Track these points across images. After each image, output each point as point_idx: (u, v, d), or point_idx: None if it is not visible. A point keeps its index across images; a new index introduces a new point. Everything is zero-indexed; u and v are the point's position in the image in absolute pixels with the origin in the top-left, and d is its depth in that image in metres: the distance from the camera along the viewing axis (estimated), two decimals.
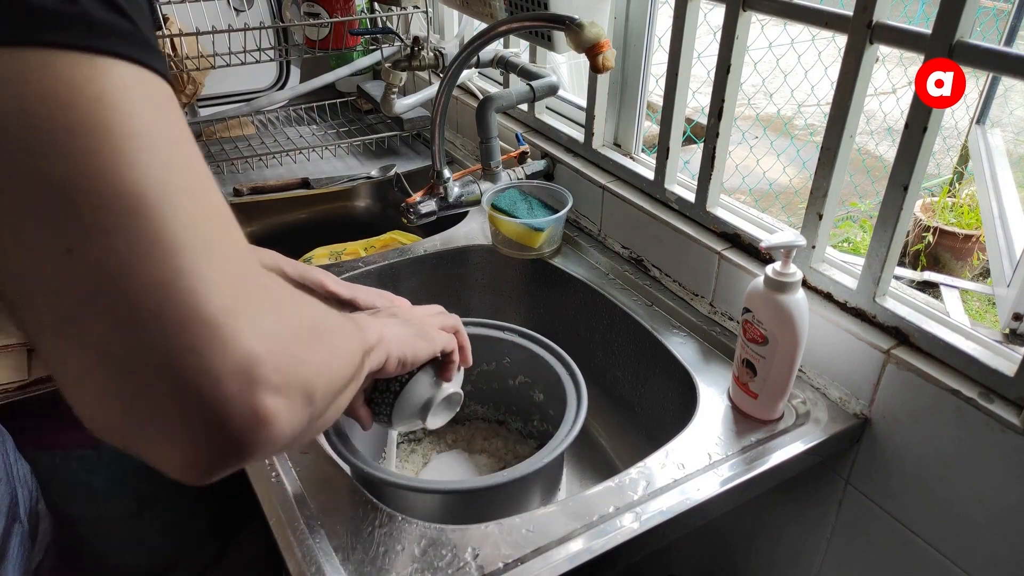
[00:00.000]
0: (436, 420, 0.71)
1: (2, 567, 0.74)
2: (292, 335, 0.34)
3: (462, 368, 0.72)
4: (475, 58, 1.17)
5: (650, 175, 1.06)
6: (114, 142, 0.27)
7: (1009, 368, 0.69)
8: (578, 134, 1.19)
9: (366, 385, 0.66)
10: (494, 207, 1.11)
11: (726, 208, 0.97)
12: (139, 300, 0.28)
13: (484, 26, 1.09)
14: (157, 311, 0.28)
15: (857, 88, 0.76)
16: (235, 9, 1.61)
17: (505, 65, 1.25)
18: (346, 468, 0.74)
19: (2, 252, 0.28)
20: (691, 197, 1.00)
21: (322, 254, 1.27)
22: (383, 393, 0.67)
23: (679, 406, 0.89)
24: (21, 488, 0.78)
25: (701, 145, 0.97)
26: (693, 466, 0.75)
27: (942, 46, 0.67)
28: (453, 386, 0.70)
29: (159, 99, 0.30)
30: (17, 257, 0.27)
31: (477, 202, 1.17)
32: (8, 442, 0.86)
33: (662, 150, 1.02)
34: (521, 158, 1.23)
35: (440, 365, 0.68)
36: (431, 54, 1.34)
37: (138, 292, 0.28)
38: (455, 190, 1.15)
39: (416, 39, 1.31)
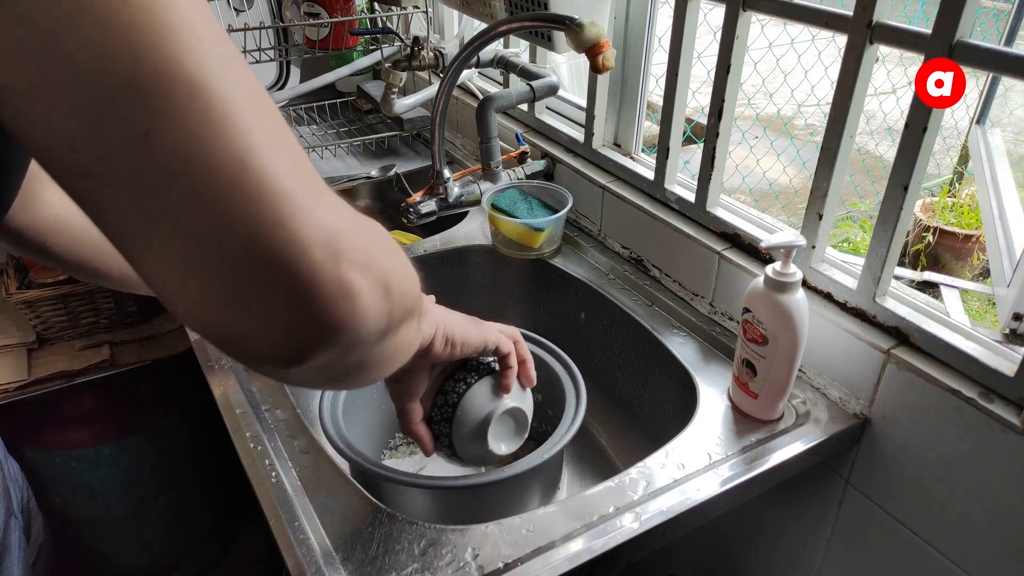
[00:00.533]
0: (501, 444, 0.68)
1: (6, 561, 0.75)
2: (362, 226, 0.35)
3: (528, 388, 0.70)
4: (475, 58, 1.17)
5: (650, 175, 1.06)
6: (172, 35, 0.29)
7: (1009, 368, 0.69)
8: (578, 134, 1.19)
9: (423, 401, 0.65)
10: (494, 207, 1.11)
11: (726, 208, 0.97)
12: (218, 175, 0.29)
13: (484, 26, 1.09)
14: (237, 184, 0.30)
15: (857, 88, 0.76)
16: (235, 9, 1.61)
17: (505, 65, 1.25)
18: (345, 466, 0.74)
19: (81, 150, 0.29)
20: (691, 197, 1.00)
21: None
22: (441, 408, 0.65)
23: (679, 406, 0.89)
24: (12, 485, 0.79)
25: (701, 145, 0.97)
26: (693, 466, 0.75)
27: (942, 46, 0.67)
28: (514, 400, 0.67)
29: (201, 1, 0.32)
30: (96, 151, 0.29)
31: (477, 202, 1.17)
32: None
33: (662, 150, 1.02)
34: (521, 158, 1.23)
35: (498, 376, 0.67)
36: (431, 54, 1.34)
37: (216, 168, 0.29)
38: (455, 190, 1.15)
39: (416, 39, 1.31)
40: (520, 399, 0.68)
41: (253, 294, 0.31)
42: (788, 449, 0.77)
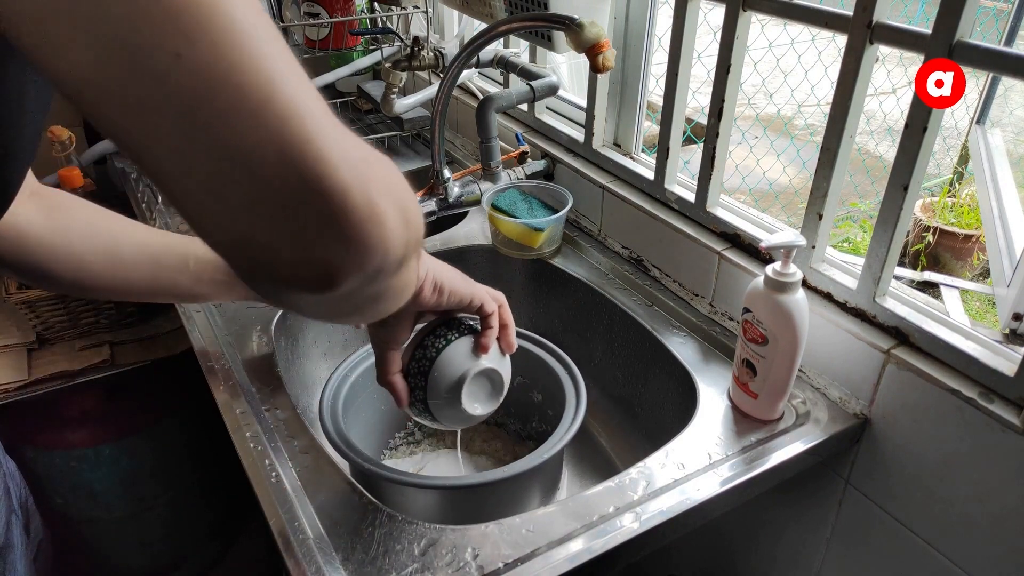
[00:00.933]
0: (476, 404, 0.67)
1: (10, 556, 0.75)
2: (379, 157, 0.36)
3: (507, 355, 0.69)
4: (475, 58, 1.17)
5: (650, 175, 1.06)
6: None
7: (1009, 368, 0.69)
8: (578, 134, 1.19)
9: (403, 354, 0.65)
10: (494, 207, 1.11)
11: (726, 208, 0.97)
12: (249, 95, 0.30)
13: (484, 26, 1.09)
14: (266, 105, 0.30)
15: (857, 88, 0.76)
16: None
17: (505, 65, 1.25)
18: (345, 466, 0.74)
19: (112, 75, 0.29)
20: (691, 197, 1.00)
21: None
22: (419, 361, 0.65)
23: (679, 406, 0.89)
24: (11, 482, 0.79)
25: (701, 145, 0.97)
26: (693, 466, 0.75)
27: (942, 46, 0.67)
28: (491, 361, 0.66)
29: None
30: (128, 74, 0.29)
31: (477, 202, 1.17)
32: None
33: (662, 150, 1.02)
34: (521, 158, 1.23)
35: (479, 336, 0.66)
36: (431, 54, 1.34)
37: (246, 88, 0.30)
38: (455, 190, 1.15)
39: (416, 39, 1.31)
40: (498, 362, 0.68)
41: (286, 212, 0.32)
42: (788, 449, 0.77)
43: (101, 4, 0.28)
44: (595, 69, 0.93)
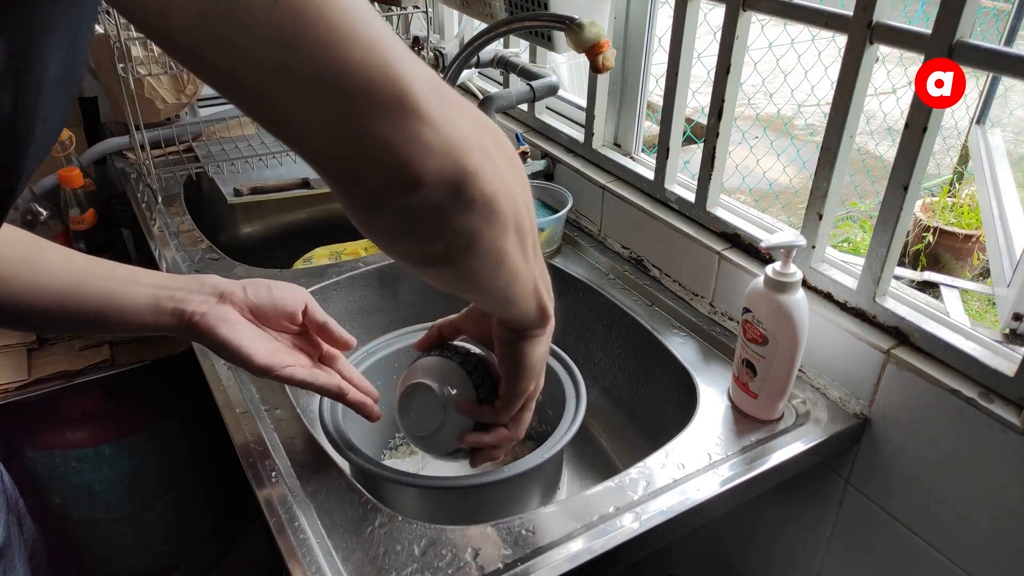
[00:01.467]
0: (408, 416, 0.67)
1: (9, 553, 0.75)
2: (452, 90, 0.40)
3: (480, 453, 0.66)
4: (475, 58, 1.17)
5: (650, 175, 1.06)
6: None
7: (1009, 368, 0.69)
8: (578, 134, 1.19)
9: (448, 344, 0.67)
10: None
11: (726, 208, 0.97)
12: (336, 29, 0.35)
13: (484, 26, 1.09)
14: (353, 37, 0.35)
15: (857, 88, 0.76)
16: None
17: (505, 65, 1.25)
18: (345, 466, 0.74)
19: (219, 18, 0.33)
20: (691, 197, 1.00)
21: (322, 254, 1.27)
22: (448, 350, 0.67)
23: (679, 406, 0.89)
24: (4, 480, 0.79)
25: (701, 145, 0.97)
26: (693, 466, 0.75)
27: (942, 46, 0.67)
28: (453, 420, 0.64)
29: None
30: (234, 17, 0.34)
31: None
32: None
33: (662, 150, 1.02)
34: (521, 158, 1.23)
35: (482, 401, 0.65)
36: (431, 54, 1.34)
37: (334, 24, 0.35)
38: None
39: (416, 39, 1.31)
40: (452, 428, 0.65)
41: (371, 122, 0.37)
42: (788, 449, 0.77)
43: None
44: (595, 69, 0.93)
